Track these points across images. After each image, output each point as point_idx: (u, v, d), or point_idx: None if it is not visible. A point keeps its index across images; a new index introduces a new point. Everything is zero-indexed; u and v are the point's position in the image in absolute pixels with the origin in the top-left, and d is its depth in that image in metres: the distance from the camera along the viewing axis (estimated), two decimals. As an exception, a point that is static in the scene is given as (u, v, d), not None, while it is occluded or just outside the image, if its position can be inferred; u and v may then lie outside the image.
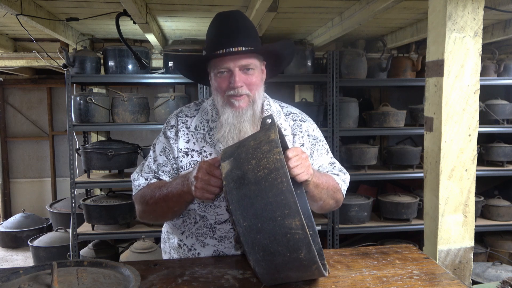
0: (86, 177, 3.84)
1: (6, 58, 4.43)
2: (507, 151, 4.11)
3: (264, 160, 1.07)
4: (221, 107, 1.48)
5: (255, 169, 1.07)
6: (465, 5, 1.88)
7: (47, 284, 1.15)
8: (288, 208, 1.02)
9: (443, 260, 1.99)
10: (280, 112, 1.61)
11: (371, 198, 4.01)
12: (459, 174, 1.97)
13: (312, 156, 1.59)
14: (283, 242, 1.04)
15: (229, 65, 1.42)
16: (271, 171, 1.05)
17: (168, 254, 1.67)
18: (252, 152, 1.11)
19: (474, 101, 1.95)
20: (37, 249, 4.35)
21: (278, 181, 1.03)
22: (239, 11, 1.51)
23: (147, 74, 3.77)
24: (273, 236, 1.04)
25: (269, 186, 1.04)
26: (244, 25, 1.46)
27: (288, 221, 1.02)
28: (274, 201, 1.03)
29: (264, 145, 1.10)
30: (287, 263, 1.07)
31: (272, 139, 1.10)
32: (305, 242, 1.03)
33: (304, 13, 3.35)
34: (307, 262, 1.06)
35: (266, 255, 1.07)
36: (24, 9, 2.78)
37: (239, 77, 1.42)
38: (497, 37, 3.73)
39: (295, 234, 1.02)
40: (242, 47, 1.41)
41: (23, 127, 5.87)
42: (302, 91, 4.87)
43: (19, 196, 5.89)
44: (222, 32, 1.44)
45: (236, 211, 1.06)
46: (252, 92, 1.46)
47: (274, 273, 1.11)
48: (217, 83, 1.46)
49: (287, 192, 1.02)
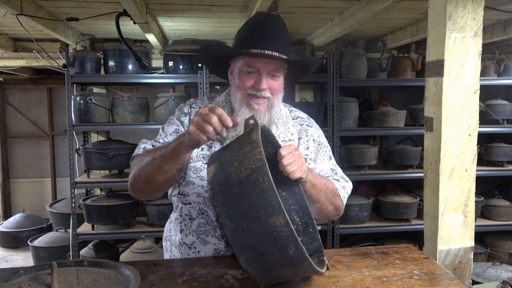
0: (86, 177, 3.84)
1: (6, 58, 4.43)
2: (507, 151, 4.11)
3: (246, 161, 1.07)
4: (239, 104, 1.47)
5: (238, 170, 1.07)
6: (465, 5, 1.88)
7: (47, 284, 1.15)
8: (272, 206, 1.02)
9: (443, 260, 1.99)
10: (289, 116, 1.63)
11: (371, 198, 4.01)
12: (459, 174, 1.97)
13: (316, 161, 1.61)
14: (270, 241, 1.04)
15: (260, 66, 1.42)
16: (253, 171, 1.05)
17: (170, 252, 1.67)
18: (235, 154, 1.11)
19: (474, 101, 1.95)
20: (37, 249, 4.35)
21: (260, 181, 1.03)
22: (280, 16, 1.51)
23: (147, 74, 3.77)
24: (260, 235, 1.04)
25: (251, 186, 1.04)
26: (283, 32, 1.46)
27: (273, 220, 1.02)
28: (257, 201, 1.03)
29: (246, 146, 1.10)
30: (278, 261, 1.07)
31: (254, 140, 1.10)
32: (291, 240, 1.03)
33: (304, 13, 3.35)
34: (297, 259, 1.06)
35: (255, 255, 1.07)
36: (24, 9, 2.78)
37: (266, 80, 1.42)
38: (497, 37, 3.73)
39: (281, 232, 1.02)
40: (278, 53, 1.41)
41: (23, 127, 5.87)
42: (302, 91, 4.87)
43: (19, 196, 5.89)
44: (261, 32, 1.43)
45: (222, 214, 1.07)
46: (273, 96, 1.46)
47: (266, 272, 1.11)
48: (241, 80, 1.45)
49: (269, 190, 1.03)
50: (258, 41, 1.41)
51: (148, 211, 3.80)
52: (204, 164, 1.51)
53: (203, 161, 1.52)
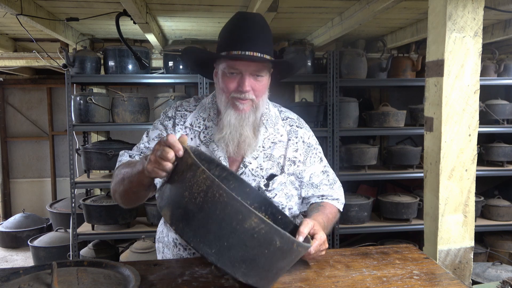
0: (86, 177, 3.84)
1: (6, 58, 4.43)
2: (507, 151, 4.11)
3: (194, 186, 1.05)
4: (224, 107, 1.46)
5: (192, 198, 1.05)
6: (465, 5, 1.88)
7: (47, 284, 1.15)
8: (240, 213, 1.02)
9: (443, 260, 1.99)
10: (278, 117, 1.60)
11: (371, 198, 4.01)
12: (459, 174, 1.97)
13: (305, 163, 1.59)
14: (255, 244, 1.04)
15: (242, 68, 1.40)
16: (206, 192, 1.03)
17: (162, 254, 1.66)
18: (181, 185, 1.09)
19: (474, 101, 1.95)
20: (37, 249, 4.35)
21: (217, 196, 1.02)
22: (260, 15, 1.49)
23: (147, 74, 3.77)
24: (243, 244, 1.03)
25: (212, 206, 1.03)
26: (264, 31, 1.44)
27: (247, 224, 1.02)
28: (225, 215, 1.02)
29: (187, 173, 1.08)
30: (271, 258, 1.07)
31: (191, 164, 1.08)
32: (272, 231, 1.03)
33: (304, 13, 3.35)
34: (286, 245, 1.06)
35: (249, 264, 1.06)
36: (24, 9, 2.78)
37: (249, 82, 1.41)
38: (497, 37, 3.73)
39: (260, 230, 1.02)
40: (260, 53, 1.39)
41: (23, 127, 5.87)
42: (302, 91, 4.87)
43: (19, 196, 5.89)
44: (241, 33, 1.41)
45: (198, 245, 1.05)
46: (257, 98, 1.45)
47: (266, 274, 1.11)
48: (225, 83, 1.44)
49: (231, 200, 1.01)
50: (239, 42, 1.39)
51: (148, 211, 3.80)
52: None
53: None
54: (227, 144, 1.45)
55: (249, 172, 1.51)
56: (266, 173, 1.52)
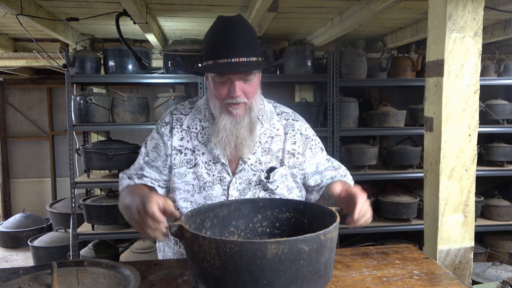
0: (86, 177, 3.84)
1: (6, 58, 4.43)
2: (507, 151, 4.10)
3: (207, 254, 1.06)
4: (219, 112, 1.48)
5: (212, 265, 1.06)
6: (465, 5, 1.88)
7: (47, 284, 1.15)
8: (256, 250, 1.01)
9: (443, 260, 1.99)
10: (273, 112, 1.61)
11: (371, 198, 4.00)
12: (459, 174, 1.97)
13: (304, 154, 1.60)
14: (288, 264, 1.02)
15: (230, 75, 1.41)
16: (218, 253, 1.03)
17: (162, 252, 1.67)
18: (197, 259, 1.10)
19: (474, 101, 1.96)
20: (37, 249, 4.35)
21: (229, 251, 1.02)
22: (240, 16, 1.49)
23: (147, 74, 3.77)
24: (279, 272, 1.02)
25: (231, 261, 1.03)
26: (246, 33, 1.44)
27: (269, 254, 1.01)
28: (246, 261, 1.02)
29: (194, 247, 1.09)
30: (310, 263, 1.06)
31: (191, 237, 1.09)
32: (293, 243, 1.02)
33: (304, 13, 3.35)
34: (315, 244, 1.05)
35: (297, 282, 1.05)
36: (24, 9, 2.78)
37: (239, 87, 1.42)
38: (497, 37, 3.73)
39: (283, 250, 1.00)
40: (245, 57, 1.39)
41: (23, 127, 5.87)
42: (302, 91, 4.87)
43: (19, 196, 5.89)
44: (223, 40, 1.41)
45: None
46: (250, 100, 1.46)
47: (317, 276, 1.09)
48: (216, 90, 1.45)
49: (241, 246, 1.01)
50: (223, 51, 1.39)
51: (148, 211, 3.79)
52: (188, 169, 1.52)
53: (187, 166, 1.52)
54: (224, 148, 1.46)
55: (248, 167, 1.52)
56: (266, 167, 1.53)
